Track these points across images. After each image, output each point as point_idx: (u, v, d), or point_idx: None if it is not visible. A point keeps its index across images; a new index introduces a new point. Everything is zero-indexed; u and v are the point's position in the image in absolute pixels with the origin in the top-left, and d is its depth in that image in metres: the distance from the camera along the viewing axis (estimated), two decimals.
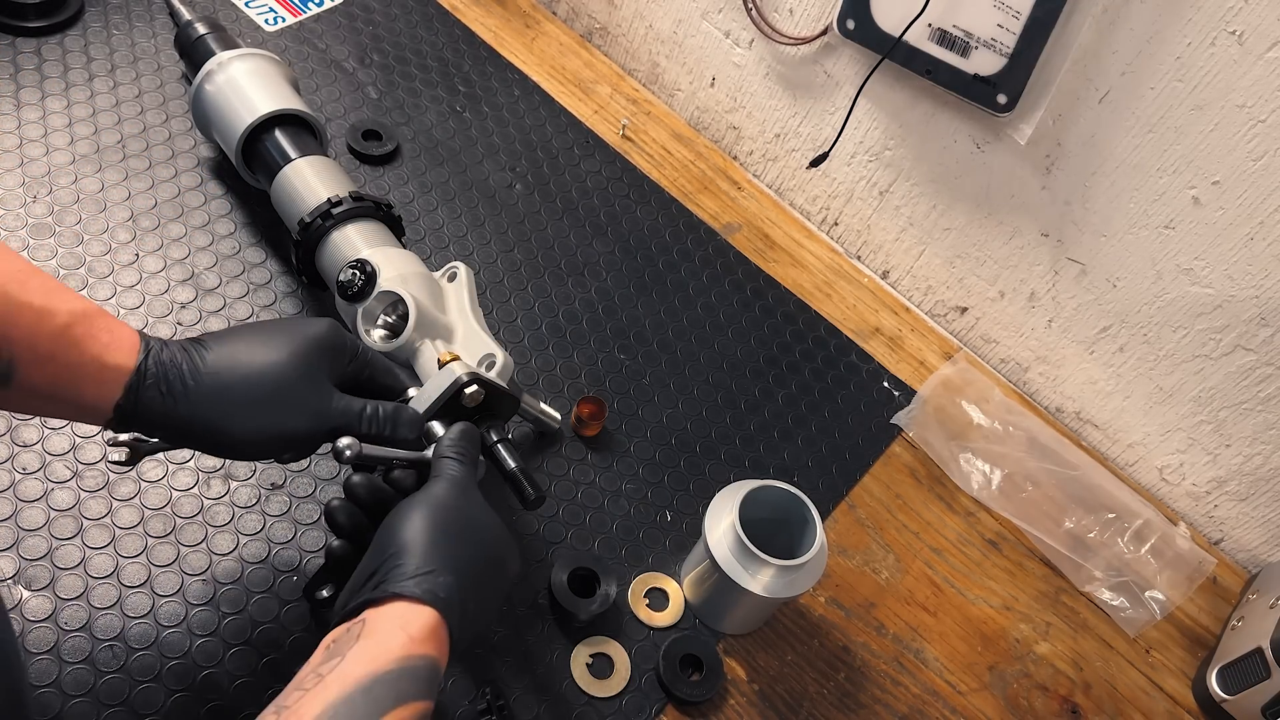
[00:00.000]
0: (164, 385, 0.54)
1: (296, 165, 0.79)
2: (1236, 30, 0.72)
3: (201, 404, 0.55)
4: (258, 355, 0.57)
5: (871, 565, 0.83)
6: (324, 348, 0.60)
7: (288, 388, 0.57)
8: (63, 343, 0.51)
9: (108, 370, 0.53)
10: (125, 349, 0.54)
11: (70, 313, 0.52)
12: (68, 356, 0.52)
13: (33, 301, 0.51)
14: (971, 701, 0.78)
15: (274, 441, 0.58)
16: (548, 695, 0.69)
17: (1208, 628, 0.87)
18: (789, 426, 0.89)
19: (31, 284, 0.51)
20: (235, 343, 0.57)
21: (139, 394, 0.54)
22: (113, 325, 0.54)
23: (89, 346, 0.52)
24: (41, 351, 0.51)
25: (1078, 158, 0.85)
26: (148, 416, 0.55)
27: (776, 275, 0.99)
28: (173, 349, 0.56)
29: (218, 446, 0.57)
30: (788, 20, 0.98)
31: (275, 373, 0.57)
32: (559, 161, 1.01)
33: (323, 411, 0.59)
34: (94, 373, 0.53)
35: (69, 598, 0.65)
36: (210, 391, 0.55)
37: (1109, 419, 0.96)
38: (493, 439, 0.67)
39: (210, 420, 0.55)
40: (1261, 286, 0.80)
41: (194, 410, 0.55)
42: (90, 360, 0.52)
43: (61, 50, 0.93)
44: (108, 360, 0.53)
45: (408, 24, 1.08)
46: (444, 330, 0.71)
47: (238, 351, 0.57)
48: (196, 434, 0.56)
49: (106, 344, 0.53)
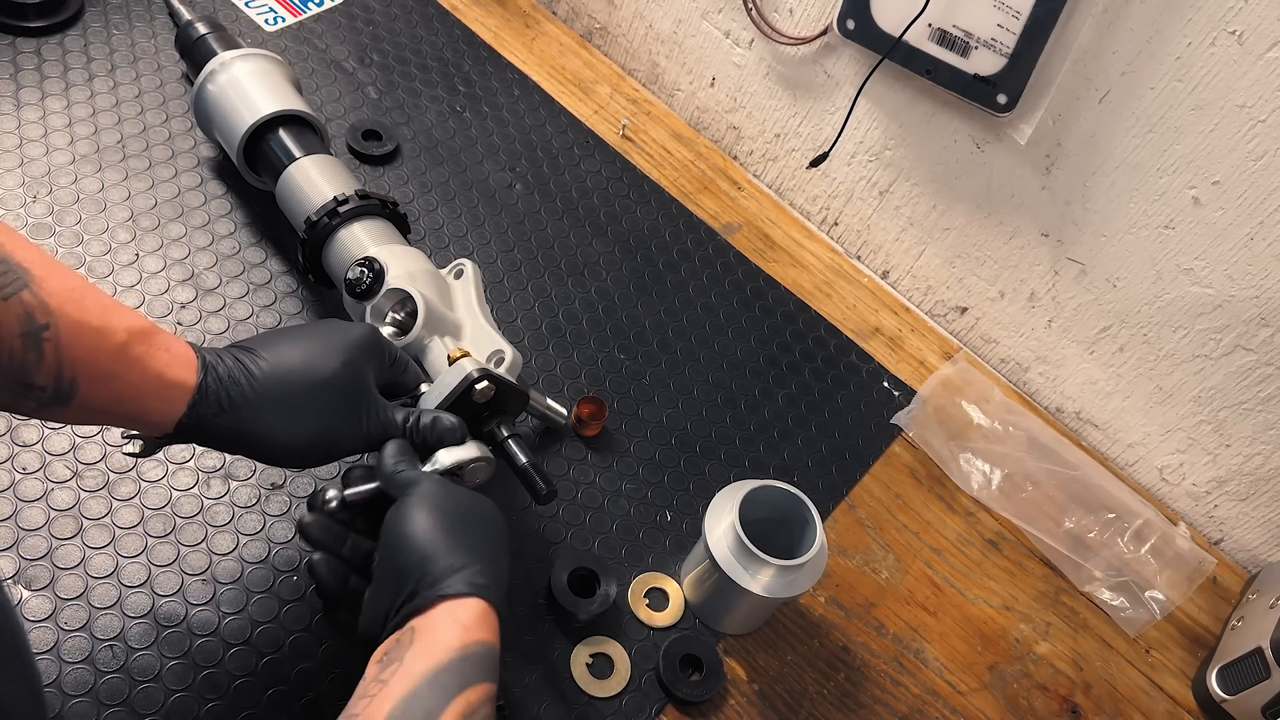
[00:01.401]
0: (225, 401, 0.55)
1: (301, 164, 0.79)
2: (1236, 30, 0.72)
3: (260, 415, 0.56)
4: (311, 363, 0.58)
5: (871, 565, 0.83)
6: (370, 352, 0.60)
7: (341, 396, 0.58)
8: (124, 361, 0.52)
9: (170, 388, 0.53)
10: (184, 365, 0.54)
11: (129, 330, 0.52)
12: (130, 375, 0.52)
13: (91, 321, 0.51)
14: (971, 701, 0.78)
15: (327, 449, 0.59)
16: (548, 695, 0.69)
17: (1208, 628, 0.87)
18: (789, 426, 0.89)
19: (87, 302, 0.51)
20: (285, 350, 0.58)
21: (200, 410, 0.54)
22: (170, 342, 0.55)
23: (150, 365, 0.53)
24: (104, 370, 0.51)
25: (1078, 158, 0.85)
26: (208, 430, 0.55)
27: (776, 275, 1.00)
28: (228, 363, 0.56)
29: (273, 454, 0.58)
30: (788, 20, 0.98)
31: (329, 381, 0.58)
32: (559, 161, 1.01)
33: (372, 419, 0.60)
34: (156, 390, 0.53)
35: (69, 598, 0.65)
36: (267, 402, 0.56)
37: (1109, 419, 0.96)
38: (503, 434, 0.67)
39: (268, 431, 0.56)
40: (1261, 286, 0.80)
41: (254, 422, 0.56)
42: (153, 378, 0.53)
43: (61, 50, 0.93)
44: (169, 378, 0.53)
45: (408, 24, 1.08)
46: (452, 327, 0.72)
47: (291, 360, 0.57)
48: (253, 444, 0.57)
49: (167, 362, 0.53)
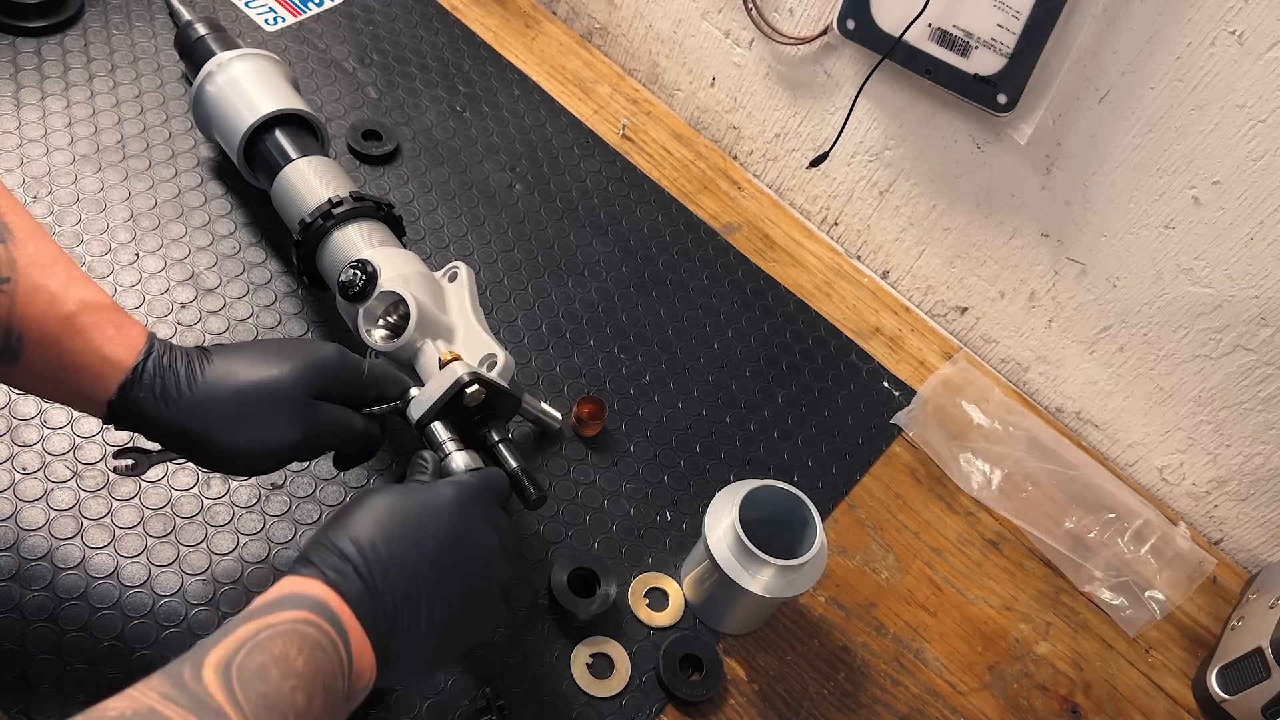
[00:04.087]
0: (157, 389, 0.54)
1: (297, 165, 0.79)
2: (1236, 30, 0.72)
3: (190, 413, 0.55)
4: (255, 372, 0.57)
5: (871, 565, 0.83)
6: (327, 370, 0.60)
7: (277, 406, 0.57)
8: (68, 330, 0.53)
9: (106, 364, 0.54)
10: (127, 346, 0.54)
11: (80, 301, 0.53)
12: (71, 344, 0.53)
13: (49, 285, 0.53)
14: (971, 701, 0.78)
15: (260, 458, 0.58)
16: (548, 695, 0.69)
17: (1208, 628, 0.87)
18: (789, 426, 0.89)
19: (54, 269, 0.53)
20: (239, 357, 0.58)
21: (131, 393, 0.54)
22: (122, 320, 0.55)
23: (92, 337, 0.53)
24: (49, 334, 0.52)
25: (1078, 158, 0.85)
26: (138, 417, 0.55)
27: (776, 275, 0.99)
28: (175, 355, 0.56)
29: (204, 457, 0.57)
30: (788, 20, 0.98)
31: (267, 390, 0.57)
32: (559, 161, 1.01)
33: (312, 430, 0.59)
34: (93, 364, 0.53)
35: (69, 597, 0.65)
36: (200, 402, 0.55)
37: (1109, 419, 0.96)
38: (494, 439, 0.67)
39: (196, 430, 0.56)
40: (1261, 286, 0.80)
41: (182, 418, 0.55)
42: (91, 351, 0.53)
43: (61, 50, 0.93)
44: (107, 354, 0.54)
45: (408, 24, 1.08)
46: (445, 330, 0.71)
47: (237, 366, 0.57)
48: (183, 442, 0.56)
49: (110, 338, 0.54)
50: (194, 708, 0.40)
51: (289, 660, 0.44)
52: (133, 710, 0.39)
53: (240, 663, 0.42)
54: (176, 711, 0.40)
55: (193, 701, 0.40)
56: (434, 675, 0.67)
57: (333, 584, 0.48)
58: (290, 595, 0.47)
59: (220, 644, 0.43)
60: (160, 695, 0.40)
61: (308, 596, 0.47)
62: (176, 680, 0.41)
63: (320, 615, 0.46)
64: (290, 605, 0.46)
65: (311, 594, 0.47)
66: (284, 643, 0.44)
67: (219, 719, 0.40)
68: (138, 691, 0.40)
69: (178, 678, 0.41)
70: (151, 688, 0.41)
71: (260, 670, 0.43)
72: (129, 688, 0.41)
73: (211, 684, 0.41)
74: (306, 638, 0.45)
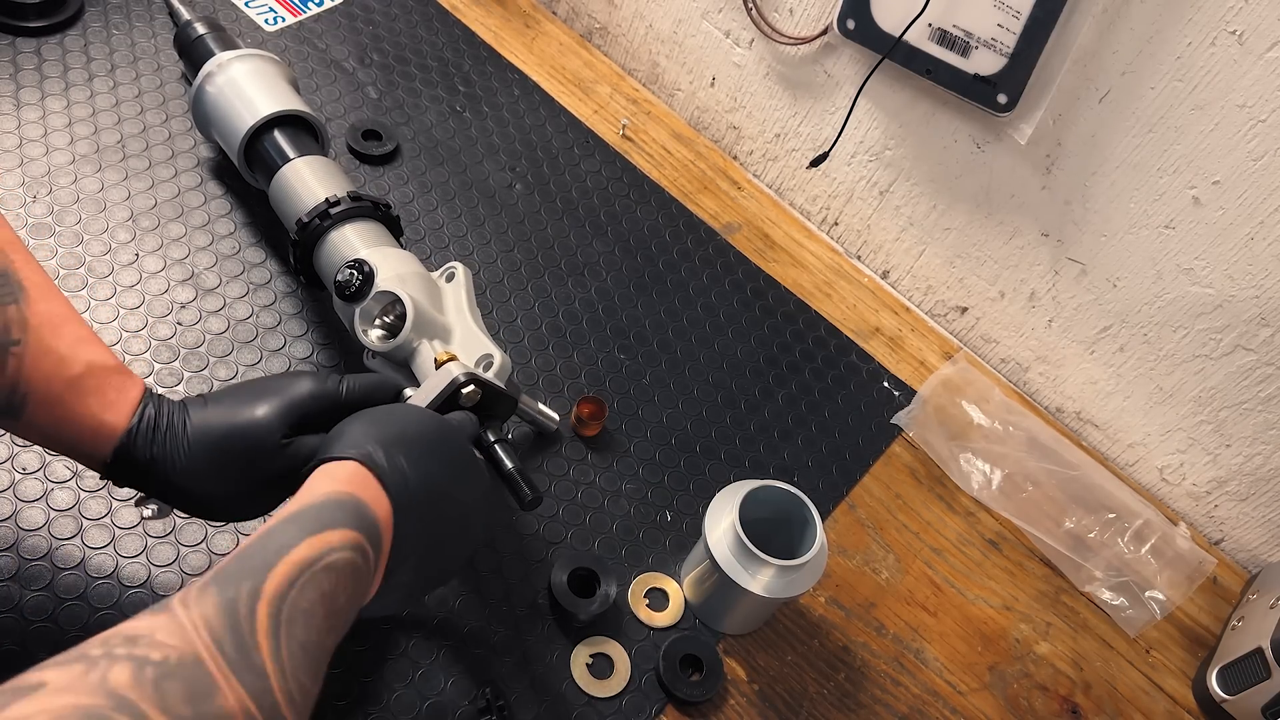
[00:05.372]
0: (146, 453, 0.55)
1: (295, 165, 0.79)
2: (1236, 30, 0.72)
3: (175, 472, 0.56)
4: (229, 421, 0.57)
5: (871, 565, 0.83)
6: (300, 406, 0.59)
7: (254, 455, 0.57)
8: (72, 393, 0.53)
9: (104, 428, 0.54)
10: (124, 410, 0.55)
11: (87, 364, 0.54)
12: (73, 407, 0.54)
13: (58, 347, 0.53)
14: (971, 701, 0.78)
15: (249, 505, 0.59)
16: (548, 695, 0.69)
17: (1208, 628, 0.87)
18: (789, 426, 0.89)
19: (64, 330, 0.54)
20: (214, 407, 0.58)
21: (125, 456, 0.55)
22: (124, 383, 0.56)
23: (93, 401, 0.54)
24: (52, 395, 0.53)
25: (1078, 157, 0.85)
26: (134, 479, 0.56)
27: (776, 275, 0.99)
28: (164, 411, 0.56)
29: (200, 511, 0.58)
30: (788, 20, 0.98)
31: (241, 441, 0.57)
32: (559, 161, 1.01)
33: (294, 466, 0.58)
34: (92, 427, 0.54)
35: (69, 597, 0.65)
36: (184, 459, 0.56)
37: (1109, 419, 0.96)
38: (490, 439, 0.67)
39: (184, 486, 0.56)
40: (1262, 286, 0.80)
41: (170, 476, 0.56)
42: (90, 415, 0.54)
43: (61, 50, 0.93)
44: (105, 419, 0.54)
45: (408, 24, 1.08)
46: (442, 330, 0.71)
47: (213, 416, 0.57)
48: (178, 499, 0.57)
49: (111, 402, 0.55)
50: (239, 664, 0.39)
51: (335, 599, 0.45)
52: (177, 658, 0.38)
53: (294, 599, 0.42)
54: (221, 668, 0.39)
55: (239, 654, 0.39)
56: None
57: (394, 499, 0.50)
58: (356, 503, 0.48)
59: (279, 566, 0.43)
60: (211, 640, 0.39)
61: (368, 515, 0.48)
62: (231, 616, 0.40)
63: (370, 542, 0.48)
64: (353, 520, 0.47)
65: (371, 512, 0.49)
66: (336, 577, 0.45)
67: (259, 680, 0.39)
68: (188, 620, 0.40)
69: (233, 613, 0.40)
70: (204, 620, 0.40)
71: (309, 612, 0.43)
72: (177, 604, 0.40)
73: (262, 629, 0.41)
74: (357, 571, 0.46)
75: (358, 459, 0.51)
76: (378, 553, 0.49)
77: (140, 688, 0.36)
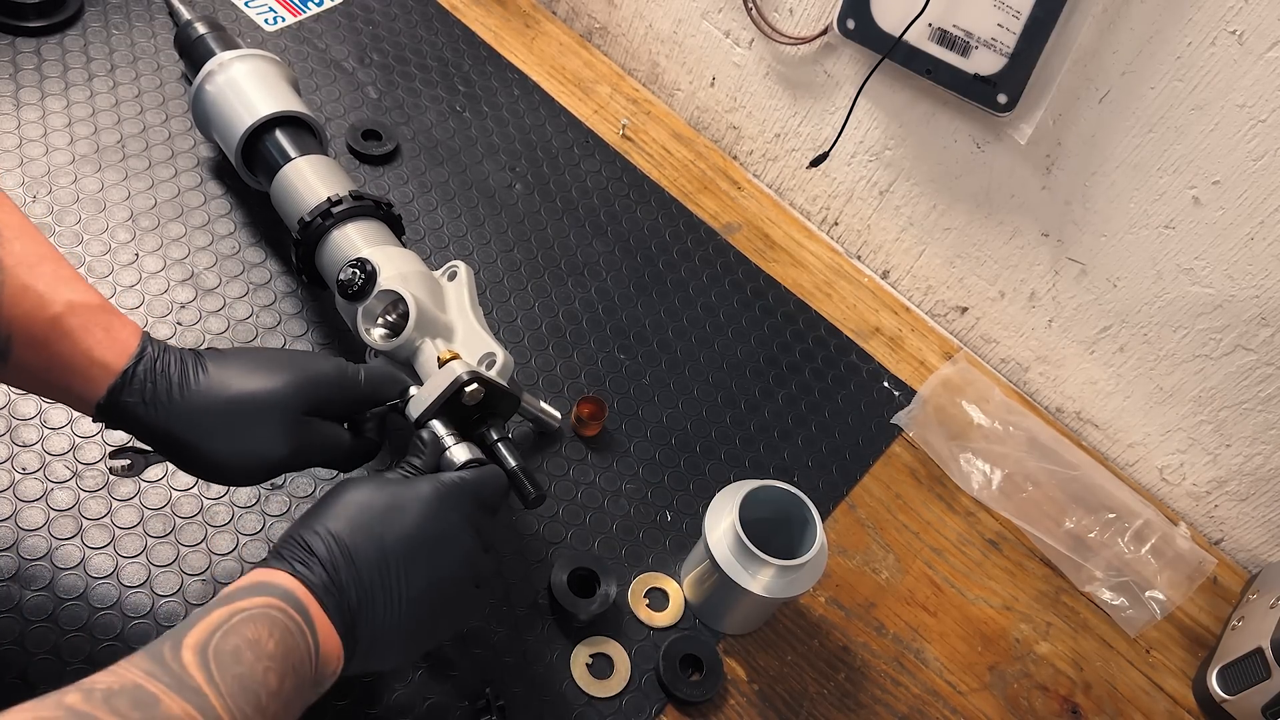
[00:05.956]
0: (147, 394, 0.54)
1: (296, 164, 0.79)
2: (1237, 30, 0.72)
3: (179, 420, 0.55)
4: (249, 383, 0.57)
5: (871, 565, 0.83)
6: (324, 387, 0.59)
7: (268, 420, 0.57)
8: (55, 331, 0.53)
9: (95, 366, 0.53)
10: (118, 349, 0.54)
11: (67, 303, 0.53)
12: (60, 345, 0.53)
13: (36, 286, 0.52)
14: (971, 701, 0.78)
15: (246, 470, 0.58)
16: (548, 695, 0.69)
17: (1208, 628, 0.87)
18: (789, 426, 0.89)
19: (41, 269, 0.53)
20: (235, 365, 0.57)
21: (120, 397, 0.54)
22: (112, 322, 0.54)
23: (80, 339, 0.53)
24: (36, 335, 0.52)
25: (1078, 157, 0.85)
26: (127, 420, 0.55)
27: (776, 275, 0.99)
28: (169, 359, 0.56)
29: (191, 464, 0.57)
30: (788, 20, 0.98)
31: (259, 403, 0.56)
32: (559, 161, 1.01)
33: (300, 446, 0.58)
34: (82, 366, 0.53)
35: (68, 598, 0.65)
36: (191, 409, 0.55)
37: (1109, 419, 0.96)
38: (493, 438, 0.67)
39: (184, 437, 0.55)
40: (1262, 286, 0.80)
41: (170, 424, 0.55)
42: (80, 354, 0.53)
43: (61, 50, 0.93)
44: (96, 356, 0.53)
45: (408, 24, 1.08)
46: (444, 329, 0.71)
47: (232, 374, 0.57)
48: (171, 448, 0.56)
49: (99, 340, 0.54)
50: (175, 686, 0.42)
51: (261, 643, 0.45)
52: (119, 685, 0.41)
53: (216, 645, 0.44)
54: (159, 688, 0.41)
55: (174, 680, 0.42)
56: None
57: (299, 575, 0.50)
58: (259, 584, 0.48)
59: (196, 627, 0.45)
60: (144, 672, 0.42)
61: (276, 586, 0.49)
62: (158, 659, 0.43)
63: (288, 604, 0.48)
64: (260, 592, 0.48)
65: (279, 584, 0.49)
66: (256, 626, 0.46)
67: (198, 697, 0.42)
68: (122, 668, 0.42)
69: (159, 657, 0.43)
70: (135, 665, 0.42)
71: (235, 652, 0.44)
72: (113, 664, 0.42)
73: (190, 664, 0.43)
74: (276, 622, 0.47)
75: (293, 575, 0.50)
76: (308, 621, 0.48)
77: (91, 703, 0.39)
